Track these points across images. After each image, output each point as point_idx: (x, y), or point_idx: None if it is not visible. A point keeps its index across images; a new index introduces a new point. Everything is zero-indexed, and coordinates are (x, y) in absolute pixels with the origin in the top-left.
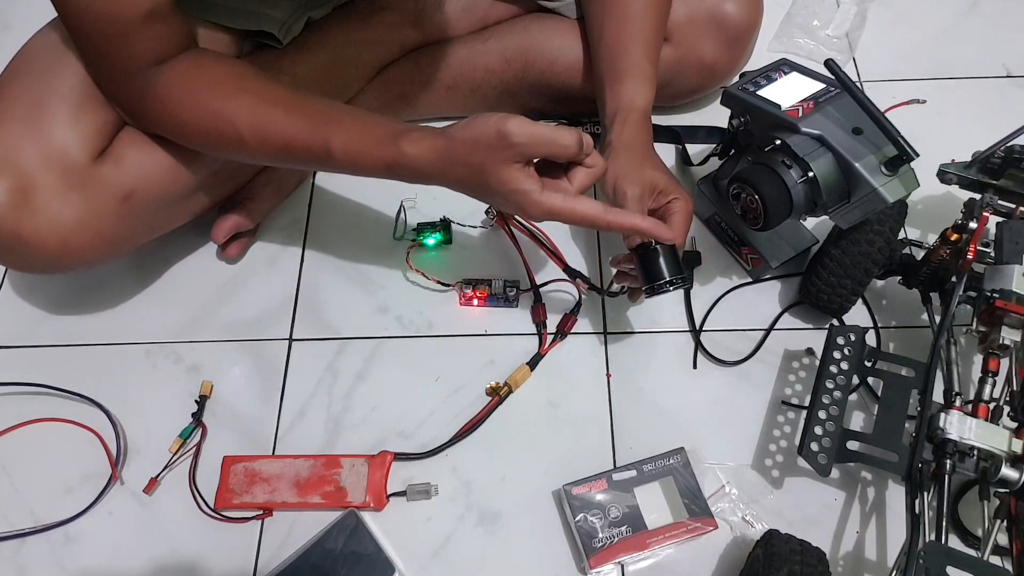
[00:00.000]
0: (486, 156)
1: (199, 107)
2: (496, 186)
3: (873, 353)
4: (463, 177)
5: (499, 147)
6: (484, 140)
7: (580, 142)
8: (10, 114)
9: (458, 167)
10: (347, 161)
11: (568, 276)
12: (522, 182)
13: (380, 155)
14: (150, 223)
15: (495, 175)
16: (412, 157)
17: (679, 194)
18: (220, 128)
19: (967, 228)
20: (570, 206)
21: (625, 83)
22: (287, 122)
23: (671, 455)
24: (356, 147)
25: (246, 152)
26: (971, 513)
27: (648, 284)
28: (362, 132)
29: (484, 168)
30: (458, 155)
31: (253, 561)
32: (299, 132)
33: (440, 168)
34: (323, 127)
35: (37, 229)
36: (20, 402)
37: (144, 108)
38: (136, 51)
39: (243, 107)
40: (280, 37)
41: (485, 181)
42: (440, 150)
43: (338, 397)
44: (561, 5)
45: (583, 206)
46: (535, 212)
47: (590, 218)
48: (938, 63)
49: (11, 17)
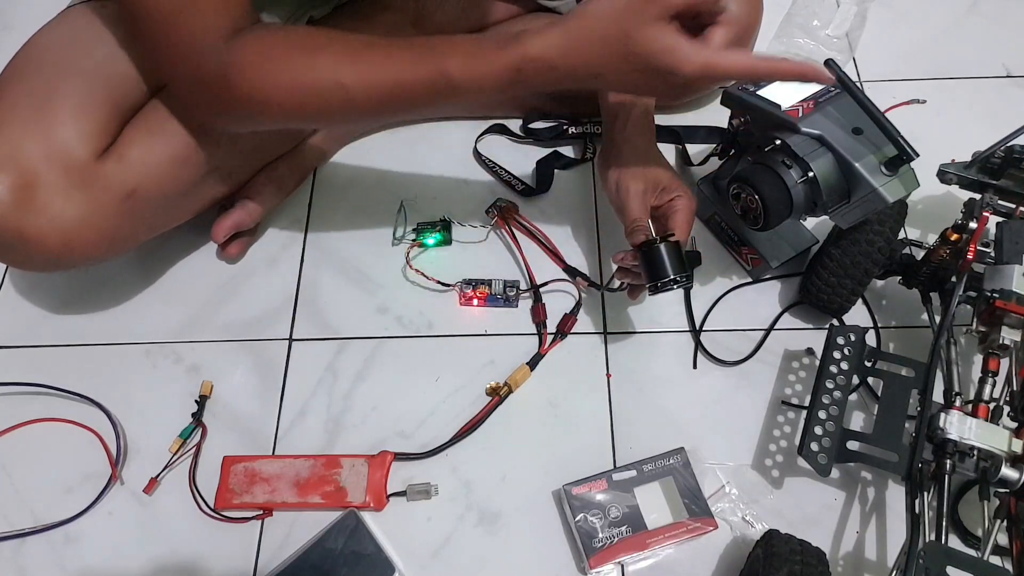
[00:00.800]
0: (627, 21)
1: (291, 70)
2: (642, 51)
3: (873, 353)
4: (600, 56)
5: (639, 6)
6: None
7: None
8: (13, 112)
9: (594, 45)
10: (468, 80)
11: (568, 275)
12: (669, 38)
13: (503, 59)
14: (151, 221)
15: (641, 37)
16: (541, 48)
17: (682, 191)
18: (320, 87)
19: (967, 228)
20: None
21: None
22: (391, 60)
23: (671, 455)
24: (475, 61)
25: (352, 106)
26: (971, 513)
27: (652, 282)
28: (477, 43)
29: (628, 34)
30: (592, 31)
31: (253, 561)
32: (407, 66)
33: (574, 53)
34: (431, 54)
35: (39, 227)
36: (20, 402)
37: (227, 88)
38: (206, 22)
39: (338, 58)
40: None
41: (628, 50)
42: (572, 31)
43: (338, 397)
44: (561, 4)
45: (737, 58)
46: (687, 69)
47: (746, 67)
48: (938, 63)
49: (11, 17)
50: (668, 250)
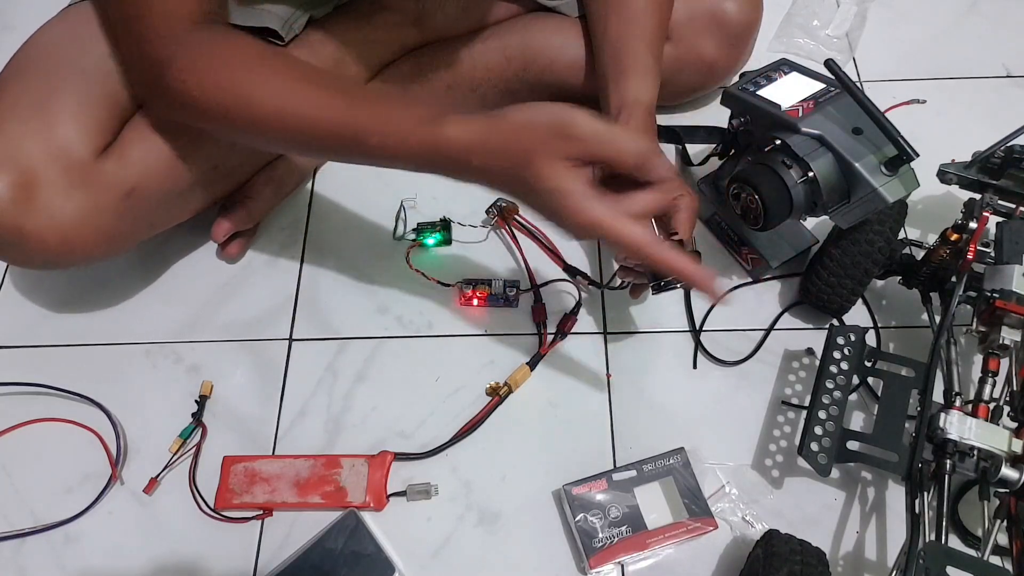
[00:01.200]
0: (535, 143)
1: (221, 78)
2: (535, 180)
3: (873, 353)
4: (503, 167)
5: (554, 136)
6: (540, 125)
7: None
8: (13, 110)
9: (500, 154)
10: (379, 142)
11: (568, 274)
12: (565, 179)
13: (417, 139)
14: (151, 220)
15: (539, 166)
16: (452, 140)
17: (685, 191)
18: (241, 108)
19: (967, 228)
20: (616, 225)
21: (629, 79)
22: (316, 99)
23: (671, 455)
24: (391, 132)
25: (269, 136)
26: (971, 513)
27: (655, 281)
28: (397, 116)
29: (529, 157)
30: (504, 139)
31: (253, 561)
32: (325, 110)
33: (480, 156)
34: (354, 105)
35: (39, 225)
36: (20, 402)
37: (164, 76)
38: (166, 7)
39: (273, 88)
40: (282, 34)
41: (524, 175)
42: (485, 132)
43: (338, 397)
44: (561, 4)
45: (632, 230)
46: (574, 220)
47: (635, 245)
48: (938, 63)
49: (11, 17)
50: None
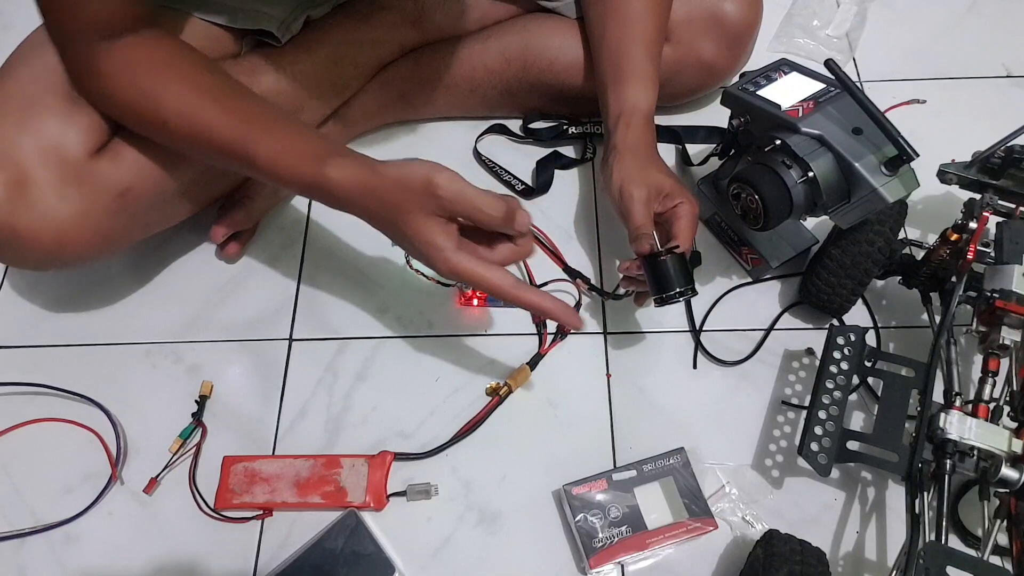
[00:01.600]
0: (407, 199)
1: (133, 85)
2: (409, 233)
3: (873, 353)
4: (379, 214)
5: (423, 195)
6: (410, 184)
7: (509, 216)
8: (7, 109)
9: (376, 203)
10: (267, 169)
11: (568, 276)
12: (436, 236)
13: (302, 172)
14: (147, 220)
15: (411, 222)
16: (333, 182)
17: (685, 197)
18: (147, 109)
19: (967, 228)
20: (480, 273)
21: (628, 86)
22: (215, 116)
23: (671, 455)
24: (279, 156)
25: (169, 139)
26: (971, 513)
27: (658, 294)
28: (290, 144)
29: (401, 211)
30: (380, 191)
31: (253, 561)
32: (224, 128)
33: (358, 200)
34: (251, 129)
35: (32, 224)
36: (20, 402)
37: (86, 80)
38: (81, 12)
39: (175, 92)
40: (279, 36)
41: (399, 225)
42: (363, 182)
43: (338, 397)
44: (561, 5)
45: (495, 276)
46: (442, 269)
47: (498, 290)
48: (938, 63)
49: (11, 17)
50: (673, 263)
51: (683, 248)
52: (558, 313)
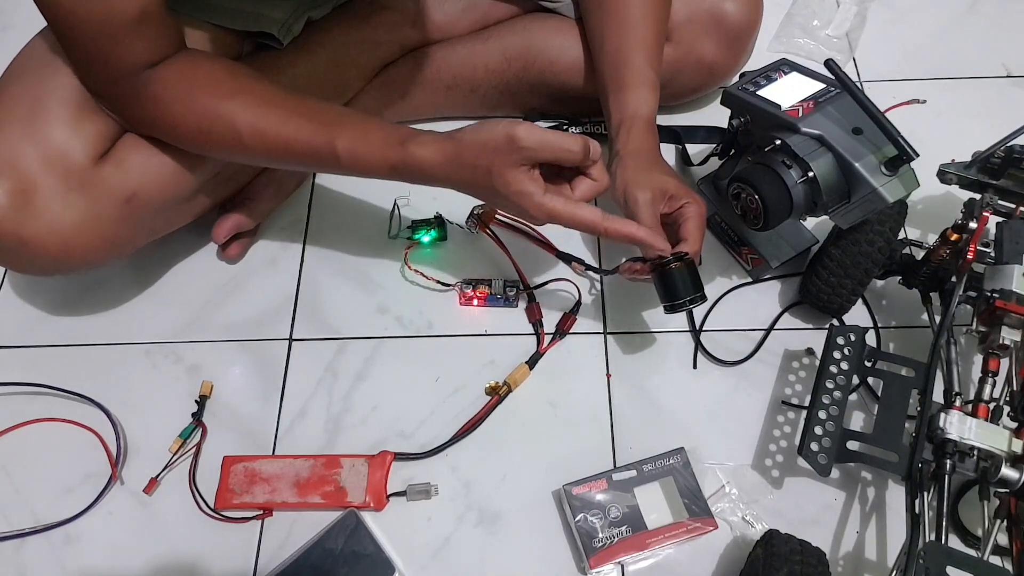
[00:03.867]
0: (494, 159)
1: (195, 106)
2: (501, 188)
3: (873, 353)
4: (469, 179)
5: (507, 150)
6: (492, 144)
7: (586, 149)
8: (11, 116)
9: (465, 169)
10: (352, 162)
11: (563, 261)
12: (526, 184)
13: (387, 156)
14: (151, 225)
15: (501, 177)
16: (420, 159)
17: (691, 198)
18: (217, 128)
19: (967, 228)
20: (570, 210)
21: (629, 92)
22: (289, 123)
23: (671, 455)
24: (363, 149)
25: (244, 153)
26: (971, 513)
27: (669, 302)
28: (368, 133)
29: (491, 171)
30: (466, 158)
31: (253, 561)
32: (302, 134)
33: (447, 171)
34: (327, 128)
35: (38, 231)
36: (20, 402)
37: (138, 109)
38: (127, 53)
39: (241, 106)
40: (280, 37)
41: (491, 183)
42: (448, 153)
43: (338, 397)
44: (561, 5)
45: (583, 211)
46: (537, 213)
47: (589, 222)
48: (938, 63)
49: (11, 17)
50: (683, 271)
51: (693, 249)
52: (649, 239)
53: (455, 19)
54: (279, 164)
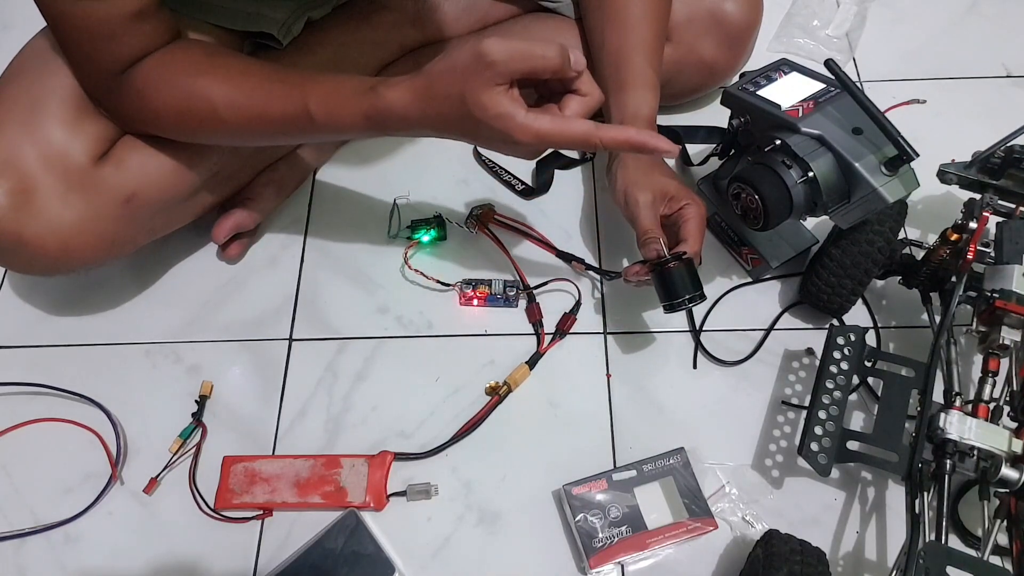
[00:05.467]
0: (465, 82)
1: (172, 89)
2: (478, 113)
3: (873, 353)
4: (445, 113)
5: (477, 69)
6: (461, 65)
7: (564, 55)
8: (10, 116)
9: (439, 101)
10: (327, 119)
11: (563, 260)
12: (505, 104)
13: (360, 106)
14: (151, 225)
15: (476, 101)
16: (391, 101)
17: (691, 199)
18: (194, 106)
19: (967, 228)
20: (559, 126)
21: (629, 93)
22: (261, 90)
23: (671, 455)
24: (334, 101)
25: (223, 128)
26: (971, 513)
27: (668, 301)
28: (338, 86)
29: (464, 96)
30: (437, 88)
31: (253, 561)
32: (274, 98)
33: (421, 108)
34: (298, 89)
35: (38, 231)
36: (20, 402)
37: (126, 105)
38: (121, 51)
39: (216, 81)
40: (280, 38)
41: (467, 111)
42: (419, 88)
43: (338, 397)
44: (561, 5)
45: (574, 125)
46: (522, 136)
47: (582, 136)
48: (938, 63)
49: (11, 17)
50: (681, 271)
51: (693, 250)
52: (650, 141)
53: (455, 19)
54: (260, 138)
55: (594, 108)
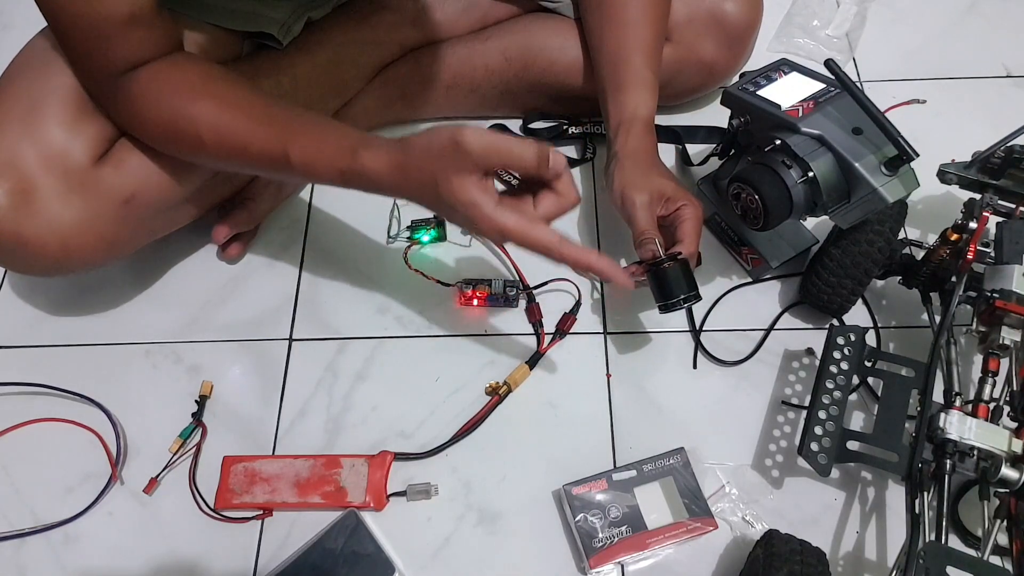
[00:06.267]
0: (439, 165)
1: (163, 107)
2: (447, 197)
3: (873, 353)
4: (417, 189)
5: (452, 156)
6: (437, 149)
7: (542, 157)
8: (10, 116)
9: (412, 178)
10: (304, 167)
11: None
12: (474, 194)
13: (337, 164)
14: (151, 226)
15: (447, 185)
16: (368, 169)
17: (688, 200)
18: (180, 127)
19: (967, 228)
20: (522, 228)
21: (627, 93)
22: (247, 126)
23: (671, 455)
24: (314, 153)
25: (204, 153)
26: (971, 513)
27: (662, 302)
28: (322, 139)
29: (436, 178)
30: (413, 166)
31: (253, 561)
32: (257, 137)
33: (395, 180)
34: (283, 132)
35: (38, 231)
36: (20, 402)
37: (120, 107)
38: (115, 54)
39: (205, 109)
40: (280, 38)
41: (438, 192)
42: (396, 161)
43: (338, 397)
44: (561, 5)
45: (537, 232)
46: (486, 228)
47: (543, 245)
48: (938, 63)
49: (11, 17)
50: (676, 271)
51: (689, 251)
52: (607, 270)
53: (455, 19)
54: (241, 168)
55: (567, 210)
